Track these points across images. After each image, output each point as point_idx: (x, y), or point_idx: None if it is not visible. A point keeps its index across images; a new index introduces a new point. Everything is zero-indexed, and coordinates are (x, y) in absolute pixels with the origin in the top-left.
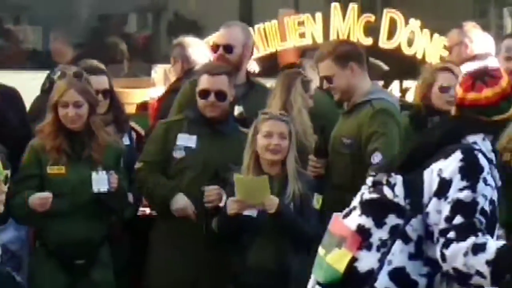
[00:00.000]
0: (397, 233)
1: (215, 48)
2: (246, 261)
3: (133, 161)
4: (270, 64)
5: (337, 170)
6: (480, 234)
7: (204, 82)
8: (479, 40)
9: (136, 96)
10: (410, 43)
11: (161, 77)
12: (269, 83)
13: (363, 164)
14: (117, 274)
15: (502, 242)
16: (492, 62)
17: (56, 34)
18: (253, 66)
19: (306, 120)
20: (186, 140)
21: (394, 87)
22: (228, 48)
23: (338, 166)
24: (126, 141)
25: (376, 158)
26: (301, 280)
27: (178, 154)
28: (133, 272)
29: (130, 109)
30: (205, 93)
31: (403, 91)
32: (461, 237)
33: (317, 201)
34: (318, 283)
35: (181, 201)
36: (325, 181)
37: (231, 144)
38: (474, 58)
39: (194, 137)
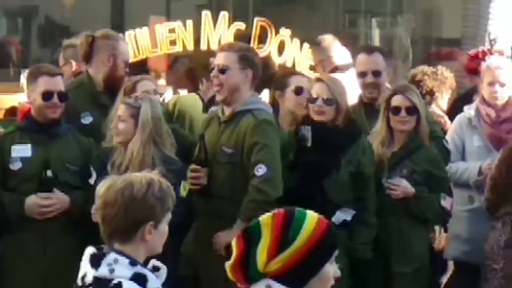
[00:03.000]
0: None
1: None
2: None
3: None
4: (141, 71)
5: (217, 180)
6: None
7: (45, 83)
8: (339, 52)
9: (5, 101)
10: (280, 52)
11: None
12: None
13: (244, 174)
14: None
15: None
16: (353, 74)
17: None
18: None
19: None
20: (20, 151)
21: (264, 96)
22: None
23: (218, 175)
24: None
25: (261, 170)
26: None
27: (15, 166)
28: None
29: None
30: (48, 95)
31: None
32: None
33: (183, 188)
34: None
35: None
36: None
37: (68, 145)
38: (335, 69)
39: (28, 146)
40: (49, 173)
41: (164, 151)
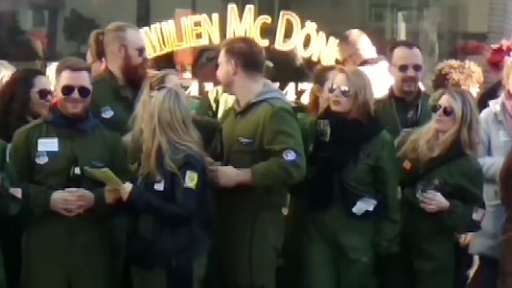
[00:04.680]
0: None
1: None
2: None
3: None
4: (167, 64)
5: None
6: None
7: (67, 77)
8: (367, 46)
9: None
10: (306, 45)
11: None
12: None
13: (261, 158)
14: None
15: None
16: (383, 67)
17: None
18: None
19: None
20: (47, 145)
21: (290, 89)
22: None
23: (235, 166)
24: None
25: (290, 155)
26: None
27: (41, 160)
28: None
29: None
30: (67, 89)
31: (299, 93)
32: None
33: (190, 179)
34: None
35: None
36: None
37: (94, 141)
38: (365, 63)
39: (55, 140)
40: (77, 170)
41: (175, 140)
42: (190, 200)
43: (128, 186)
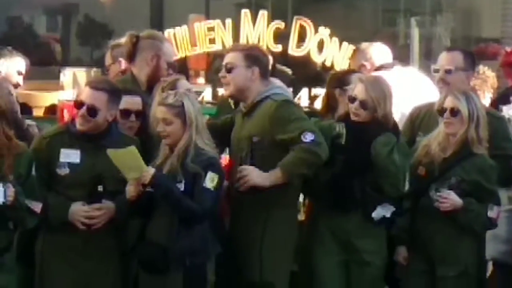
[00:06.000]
0: None
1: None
2: (144, 235)
3: None
4: (180, 69)
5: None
6: None
7: (82, 93)
8: (378, 54)
9: (45, 99)
10: (319, 50)
11: (70, 80)
12: None
13: (272, 159)
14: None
15: None
16: (399, 72)
17: None
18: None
19: None
20: (69, 156)
21: (303, 95)
22: None
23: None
24: None
25: (308, 136)
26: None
27: (62, 171)
28: None
29: (38, 112)
30: (78, 104)
31: (312, 99)
32: None
33: (211, 179)
34: None
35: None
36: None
37: None
38: (380, 67)
39: (78, 152)
40: (100, 188)
41: (198, 142)
42: (207, 199)
43: (151, 169)
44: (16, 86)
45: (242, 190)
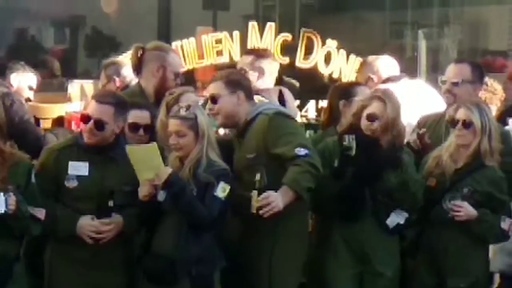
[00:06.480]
0: None
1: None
2: (150, 246)
3: None
4: (187, 82)
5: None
6: None
7: (88, 106)
8: (385, 67)
9: (52, 111)
10: (326, 63)
11: (77, 92)
12: None
13: (270, 173)
14: None
15: None
16: (405, 83)
17: None
18: None
19: None
20: (78, 168)
21: (310, 107)
22: None
23: (249, 182)
24: None
25: (302, 151)
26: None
27: (70, 183)
28: None
29: (46, 124)
30: (85, 118)
31: (319, 111)
32: None
33: (222, 189)
34: None
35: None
36: None
37: (124, 167)
38: (387, 80)
39: (86, 164)
40: (110, 203)
41: (210, 154)
42: (215, 207)
43: (168, 168)
44: (27, 100)
45: (267, 217)
